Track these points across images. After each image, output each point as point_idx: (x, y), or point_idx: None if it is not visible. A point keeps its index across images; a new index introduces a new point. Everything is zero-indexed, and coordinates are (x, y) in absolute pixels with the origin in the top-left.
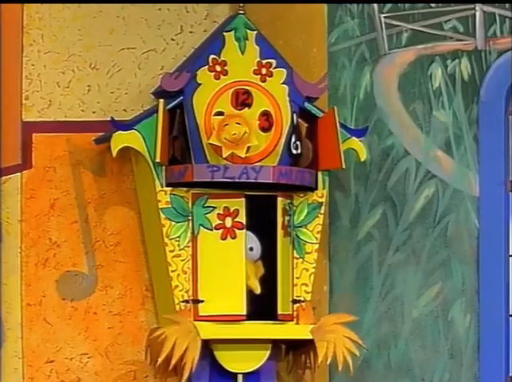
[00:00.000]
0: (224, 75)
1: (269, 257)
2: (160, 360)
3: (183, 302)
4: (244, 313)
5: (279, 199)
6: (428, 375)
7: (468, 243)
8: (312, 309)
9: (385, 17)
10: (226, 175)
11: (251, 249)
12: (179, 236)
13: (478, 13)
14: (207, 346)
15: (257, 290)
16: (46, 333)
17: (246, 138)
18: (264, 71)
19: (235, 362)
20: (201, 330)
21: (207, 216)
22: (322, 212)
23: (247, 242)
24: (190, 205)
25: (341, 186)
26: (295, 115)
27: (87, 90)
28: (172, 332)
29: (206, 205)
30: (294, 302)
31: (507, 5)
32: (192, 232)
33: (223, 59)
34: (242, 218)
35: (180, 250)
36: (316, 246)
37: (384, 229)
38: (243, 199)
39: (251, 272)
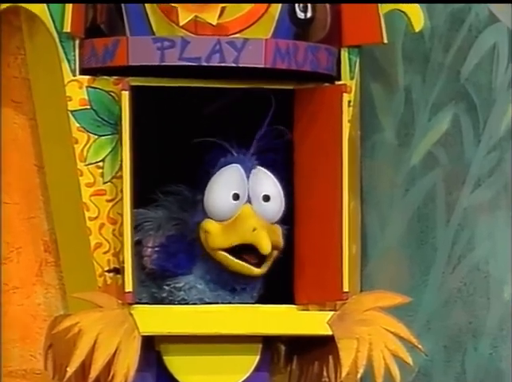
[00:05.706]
0: None
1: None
2: (70, 370)
3: (109, 271)
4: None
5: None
6: None
7: None
8: None
9: None
10: (185, 55)
11: (266, 198)
12: (103, 160)
13: None
14: (152, 347)
15: (266, 250)
16: None
17: None
18: None
19: (200, 374)
20: (141, 320)
21: None
22: (349, 118)
23: (258, 184)
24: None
25: (381, 75)
26: None
27: None
28: (91, 323)
29: None
30: None
31: None
32: None
33: None
34: None
35: (104, 183)
36: None
37: (456, 149)
38: None
39: (258, 224)
